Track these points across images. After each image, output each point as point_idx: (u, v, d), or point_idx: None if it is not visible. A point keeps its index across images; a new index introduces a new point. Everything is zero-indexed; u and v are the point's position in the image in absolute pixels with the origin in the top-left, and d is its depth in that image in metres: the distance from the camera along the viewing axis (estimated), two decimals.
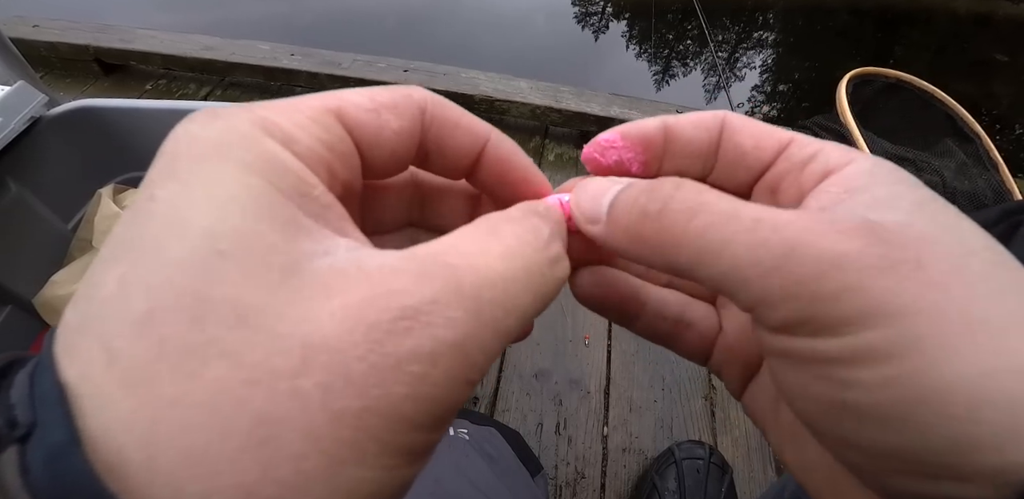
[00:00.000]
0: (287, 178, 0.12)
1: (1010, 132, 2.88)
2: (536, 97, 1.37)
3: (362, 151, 0.14)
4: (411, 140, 0.15)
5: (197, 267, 0.10)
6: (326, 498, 0.10)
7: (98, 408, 0.09)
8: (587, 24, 3.64)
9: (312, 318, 0.10)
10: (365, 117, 0.14)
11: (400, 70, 1.40)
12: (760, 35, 3.82)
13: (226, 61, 1.39)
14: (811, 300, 0.12)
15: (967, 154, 1.28)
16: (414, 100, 0.15)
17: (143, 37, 1.45)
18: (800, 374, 0.13)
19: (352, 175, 0.14)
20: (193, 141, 0.12)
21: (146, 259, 0.10)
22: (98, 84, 1.44)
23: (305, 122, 0.13)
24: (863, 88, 1.39)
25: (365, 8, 3.17)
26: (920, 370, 0.11)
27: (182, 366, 0.10)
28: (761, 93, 3.18)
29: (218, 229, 0.10)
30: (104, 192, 0.81)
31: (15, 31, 1.40)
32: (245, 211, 0.11)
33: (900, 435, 0.11)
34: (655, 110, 1.37)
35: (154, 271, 0.10)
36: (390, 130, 0.14)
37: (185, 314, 0.10)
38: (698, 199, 0.13)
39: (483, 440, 0.57)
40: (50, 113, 0.78)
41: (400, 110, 0.15)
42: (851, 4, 3.89)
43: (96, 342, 0.10)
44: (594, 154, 0.17)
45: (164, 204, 0.11)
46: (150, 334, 0.10)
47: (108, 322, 0.10)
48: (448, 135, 0.16)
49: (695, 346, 0.20)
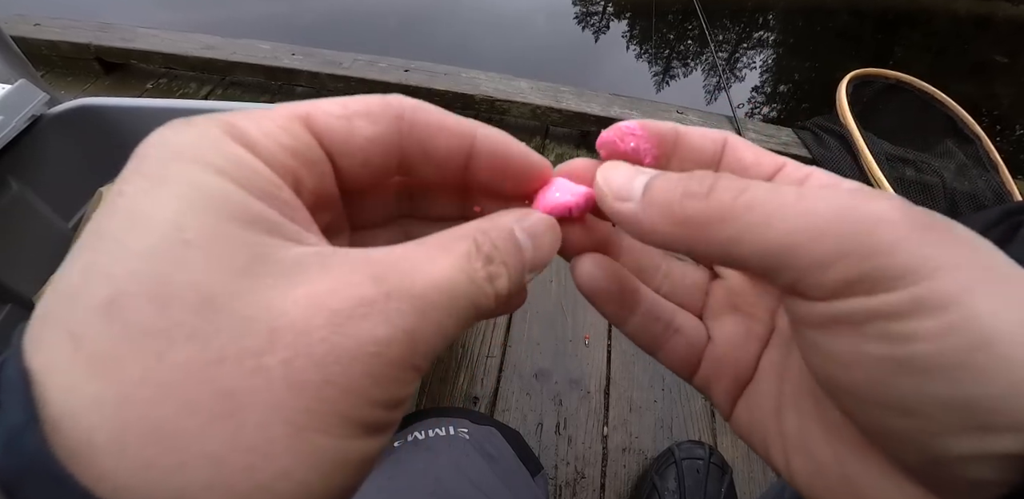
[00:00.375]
0: (254, 180, 0.12)
1: (1011, 133, 2.88)
2: (536, 97, 1.37)
3: (333, 158, 0.15)
4: (387, 147, 0.15)
5: (161, 255, 0.10)
6: (292, 464, 0.10)
7: (65, 392, 0.10)
8: (587, 24, 3.64)
9: (277, 304, 0.11)
10: (335, 124, 0.14)
11: (401, 70, 1.40)
12: (760, 35, 3.82)
13: (227, 60, 1.39)
14: (867, 255, 0.12)
15: (967, 155, 1.28)
16: (390, 107, 0.15)
17: (144, 36, 1.45)
18: (853, 338, 0.13)
19: (322, 182, 0.14)
20: (164, 144, 0.12)
21: (109, 249, 0.11)
22: (99, 83, 1.44)
23: (272, 129, 0.13)
24: (863, 89, 1.40)
25: (366, 8, 3.17)
26: (973, 317, 0.12)
27: (147, 348, 0.10)
28: (761, 94, 3.18)
29: (184, 221, 0.11)
30: (105, 190, 0.81)
31: (16, 29, 1.40)
32: (210, 205, 0.11)
33: (960, 385, 0.12)
34: (655, 110, 1.37)
35: (117, 260, 0.11)
36: (362, 137, 0.15)
37: (149, 299, 0.10)
38: (742, 181, 0.14)
39: (483, 439, 0.57)
40: (51, 111, 0.78)
41: (374, 117, 0.15)
42: (851, 5, 3.89)
43: (61, 330, 0.10)
44: (614, 138, 0.18)
45: (130, 198, 0.11)
46: (114, 319, 0.10)
47: (72, 310, 0.10)
48: (431, 139, 0.16)
49: (682, 354, 0.20)
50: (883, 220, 0.12)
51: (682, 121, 1.35)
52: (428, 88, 1.36)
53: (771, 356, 0.19)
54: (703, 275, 0.22)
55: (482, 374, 0.91)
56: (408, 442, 0.55)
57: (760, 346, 0.20)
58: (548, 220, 0.17)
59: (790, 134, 1.39)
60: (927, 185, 1.19)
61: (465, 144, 0.16)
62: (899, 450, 0.14)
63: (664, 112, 1.37)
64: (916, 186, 1.18)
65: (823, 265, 0.13)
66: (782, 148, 1.33)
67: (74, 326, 0.10)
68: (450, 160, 0.16)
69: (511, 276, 0.15)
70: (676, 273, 0.22)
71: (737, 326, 0.20)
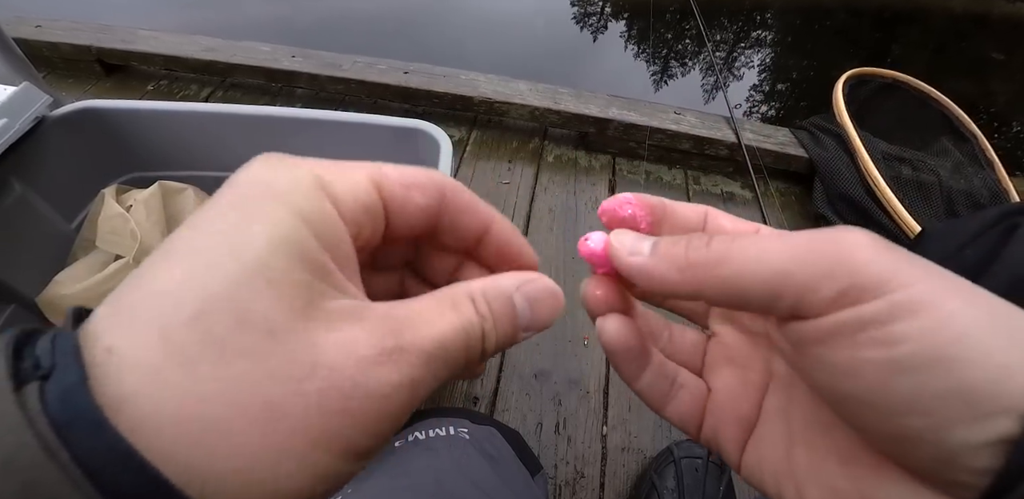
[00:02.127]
0: (328, 231, 0.15)
1: (1008, 130, 2.89)
2: (535, 99, 1.37)
3: (388, 218, 0.17)
4: (429, 216, 0.18)
5: (247, 286, 0.13)
6: (295, 470, 0.13)
7: (145, 371, 0.12)
8: (586, 25, 3.64)
9: (319, 344, 0.14)
10: (398, 191, 0.17)
11: (400, 72, 1.41)
12: (758, 34, 3.82)
13: (227, 62, 1.39)
14: (848, 273, 0.15)
15: (963, 153, 1.28)
16: (436, 184, 0.18)
17: (145, 38, 1.45)
18: (850, 348, 0.15)
19: (375, 234, 0.17)
20: (264, 184, 0.15)
21: (207, 268, 0.13)
22: (100, 84, 1.44)
23: (353, 188, 0.16)
24: (860, 88, 1.40)
25: (364, 11, 3.18)
26: (947, 315, 0.14)
27: (221, 355, 0.13)
28: (760, 92, 3.19)
29: (269, 261, 0.14)
30: (107, 192, 0.81)
31: (17, 31, 1.40)
32: (291, 251, 0.14)
33: (949, 376, 0.14)
34: (653, 111, 1.37)
35: (213, 280, 0.13)
36: (415, 205, 0.17)
37: (232, 318, 0.13)
38: (733, 235, 0.18)
39: (483, 439, 0.58)
40: (54, 113, 0.79)
41: (426, 190, 0.18)
42: (848, 3, 3.90)
43: (152, 324, 0.13)
44: (614, 206, 0.21)
45: (229, 227, 0.14)
46: (200, 326, 0.13)
47: (166, 310, 0.13)
48: (460, 216, 0.19)
49: (687, 407, 0.23)
50: (856, 244, 0.15)
51: (679, 121, 1.36)
52: (427, 90, 1.37)
53: (772, 401, 0.21)
54: (700, 337, 0.25)
55: (482, 374, 0.92)
56: (408, 442, 0.55)
57: (759, 393, 0.22)
58: (551, 287, 0.19)
59: (787, 134, 1.39)
60: (923, 183, 1.19)
61: (484, 226, 0.19)
62: (913, 453, 0.15)
63: (662, 113, 1.37)
64: (913, 184, 1.19)
65: (813, 286, 0.15)
66: (779, 148, 1.34)
67: (166, 322, 0.13)
68: (468, 235, 0.20)
69: (499, 338, 0.17)
70: (676, 335, 0.25)
71: (735, 377, 0.23)
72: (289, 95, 1.45)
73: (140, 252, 0.75)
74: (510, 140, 1.40)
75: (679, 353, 0.24)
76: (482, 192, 1.24)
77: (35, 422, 0.11)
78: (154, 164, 0.89)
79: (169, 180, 0.87)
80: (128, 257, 0.75)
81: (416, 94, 1.38)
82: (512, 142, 1.39)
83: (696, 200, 1.31)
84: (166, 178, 0.88)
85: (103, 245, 0.78)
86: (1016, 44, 3.65)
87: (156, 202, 0.82)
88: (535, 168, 1.33)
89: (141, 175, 0.90)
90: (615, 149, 1.39)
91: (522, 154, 1.37)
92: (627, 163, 1.38)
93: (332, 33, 2.85)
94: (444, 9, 3.40)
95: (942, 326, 0.14)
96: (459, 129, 1.39)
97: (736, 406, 0.22)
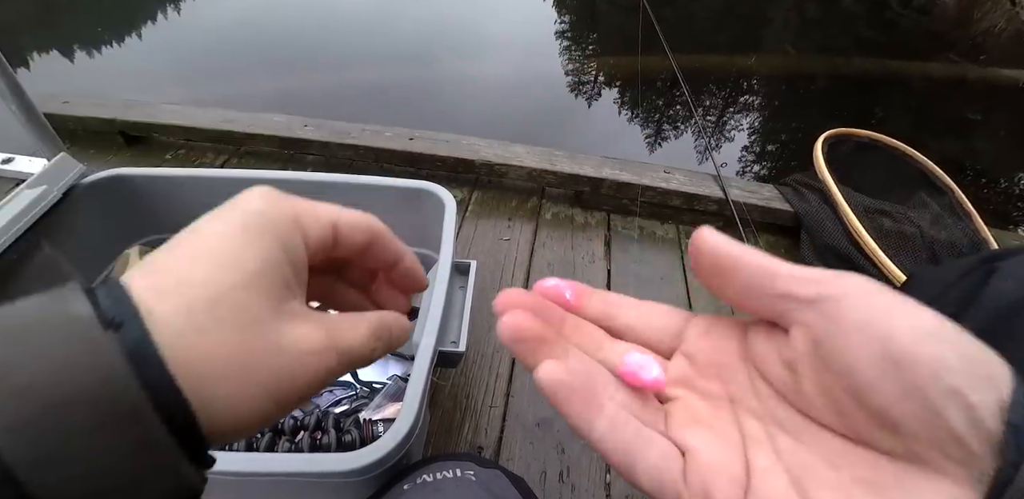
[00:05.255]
0: (296, 259, 0.22)
1: (995, 186, 2.98)
2: (532, 161, 1.45)
3: (335, 247, 0.24)
4: (363, 248, 0.25)
5: (248, 287, 0.19)
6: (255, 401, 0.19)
7: (177, 334, 0.18)
8: (580, 92, 3.84)
9: (283, 333, 0.20)
10: (346, 230, 0.24)
11: (406, 138, 1.50)
12: (745, 99, 4.01)
13: (244, 132, 1.49)
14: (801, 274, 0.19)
15: (941, 206, 1.34)
16: (372, 227, 0.25)
17: (166, 111, 1.55)
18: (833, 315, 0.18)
19: (325, 257, 0.24)
20: (261, 216, 0.21)
21: (221, 269, 0.19)
22: (121, 154, 1.53)
23: (319, 227, 0.23)
24: (839, 147, 1.48)
25: (369, 82, 3.36)
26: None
27: (225, 328, 0.19)
28: (751, 153, 3.31)
29: (260, 275, 0.20)
30: (132, 252, 0.86)
31: (47, 107, 1.50)
32: (273, 270, 0.20)
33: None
34: (644, 170, 1.45)
35: (226, 277, 0.19)
36: (355, 240, 0.25)
37: (233, 308, 0.19)
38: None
39: (489, 481, 0.59)
40: (84, 181, 0.85)
41: (364, 231, 0.25)
42: (830, 70, 4.11)
43: (182, 303, 0.18)
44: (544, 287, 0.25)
45: (237, 246, 0.20)
46: (214, 308, 0.19)
47: (192, 294, 0.19)
48: (382, 250, 0.26)
49: (663, 465, 0.20)
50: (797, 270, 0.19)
51: (669, 180, 1.43)
52: (431, 154, 1.45)
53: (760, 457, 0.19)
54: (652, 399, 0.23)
55: (486, 424, 0.93)
56: (417, 484, 0.57)
57: (741, 452, 0.20)
58: (408, 323, 0.27)
59: (771, 189, 1.46)
60: (906, 235, 1.24)
61: (397, 258, 0.27)
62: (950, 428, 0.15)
63: (652, 172, 1.45)
64: (895, 235, 1.24)
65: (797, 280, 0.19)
66: (765, 203, 1.40)
67: (192, 304, 0.18)
68: (385, 263, 0.27)
69: (383, 350, 0.25)
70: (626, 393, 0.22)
71: (713, 435, 0.20)
72: (300, 161, 1.54)
73: None
74: (509, 199, 1.47)
75: (636, 411, 0.21)
76: (484, 248, 1.30)
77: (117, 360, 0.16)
78: (175, 226, 0.92)
79: None
80: None
81: (420, 158, 1.46)
82: (511, 201, 1.46)
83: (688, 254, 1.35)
84: None
85: None
86: (992, 104, 3.83)
87: None
88: (534, 225, 1.39)
89: (163, 236, 0.96)
90: (609, 206, 1.45)
91: (521, 212, 1.43)
92: (621, 219, 1.44)
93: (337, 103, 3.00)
94: (445, 78, 3.59)
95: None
96: (461, 190, 1.47)
97: (727, 464, 0.19)
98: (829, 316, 0.18)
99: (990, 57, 4.60)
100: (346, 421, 0.74)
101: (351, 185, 0.87)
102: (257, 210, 0.21)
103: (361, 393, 0.83)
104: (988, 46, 4.87)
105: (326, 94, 3.13)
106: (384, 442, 0.54)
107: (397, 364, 0.90)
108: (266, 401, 0.20)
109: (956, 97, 3.95)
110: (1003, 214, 2.58)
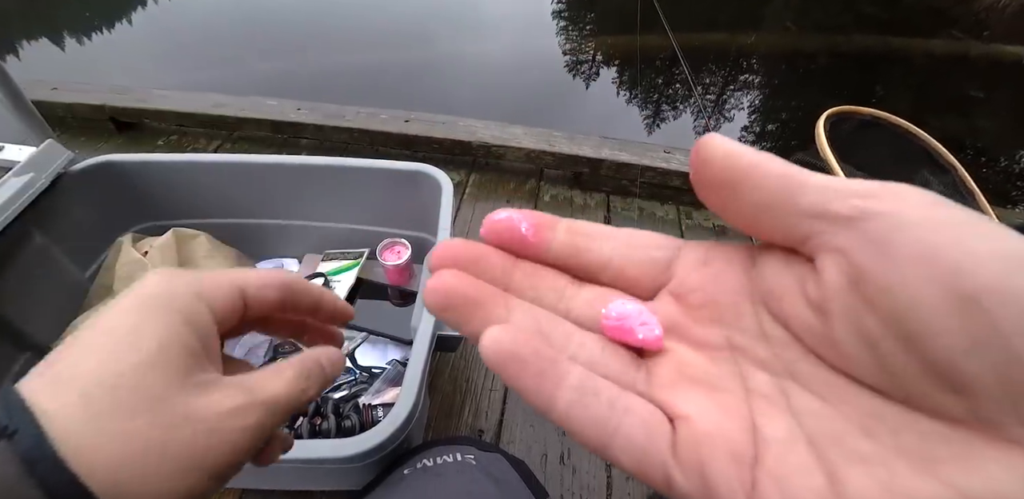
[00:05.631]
0: (202, 329, 0.22)
1: (995, 164, 2.96)
2: (530, 142, 1.43)
3: (248, 308, 0.25)
4: (277, 304, 0.26)
5: (147, 368, 0.20)
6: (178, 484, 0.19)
7: (76, 427, 0.18)
8: (578, 72, 3.79)
9: (191, 404, 0.20)
10: (255, 292, 0.25)
11: (401, 121, 1.48)
12: (746, 78, 3.96)
13: (236, 117, 1.47)
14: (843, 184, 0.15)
15: (944, 184, 1.32)
16: (283, 281, 0.26)
17: (156, 96, 1.53)
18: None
19: (236, 321, 0.24)
20: (158, 296, 0.22)
21: (119, 354, 0.20)
22: (112, 141, 1.51)
23: (222, 294, 0.23)
24: (841, 125, 1.46)
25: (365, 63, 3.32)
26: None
27: (128, 413, 0.19)
28: (751, 133, 3.28)
29: (159, 353, 0.20)
30: (125, 240, 0.85)
31: (35, 93, 1.48)
32: (176, 342, 0.21)
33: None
34: (643, 151, 1.43)
35: (124, 363, 0.19)
36: (267, 298, 0.25)
37: (134, 390, 0.19)
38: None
39: (490, 464, 0.59)
40: (73, 168, 0.83)
41: (275, 287, 0.25)
42: (830, 48, 4.06)
43: (77, 393, 0.19)
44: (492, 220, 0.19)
45: (132, 327, 0.20)
46: (114, 394, 0.19)
47: (87, 382, 0.19)
48: (299, 299, 0.27)
49: (644, 439, 0.15)
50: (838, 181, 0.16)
51: (669, 160, 1.41)
52: (427, 136, 1.43)
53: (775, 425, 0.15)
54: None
55: (486, 407, 0.93)
56: (417, 469, 0.57)
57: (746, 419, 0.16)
58: (338, 353, 0.27)
59: None
60: None
61: (316, 301, 0.28)
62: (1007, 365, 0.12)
63: (652, 152, 1.43)
64: None
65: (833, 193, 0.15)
66: None
67: (88, 392, 0.19)
68: (305, 308, 0.28)
69: (318, 387, 0.25)
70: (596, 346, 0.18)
71: (711, 400, 0.16)
72: (294, 145, 1.51)
73: None
74: (508, 181, 1.45)
75: (611, 369, 0.17)
76: None
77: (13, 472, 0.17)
78: (168, 213, 0.93)
79: (183, 228, 0.91)
80: None
81: (416, 141, 1.44)
82: (509, 183, 1.45)
83: (689, 234, 1.34)
84: (179, 226, 0.92)
85: (121, 290, 0.81)
86: (994, 82, 3.78)
87: (171, 248, 0.86)
88: (532, 207, 1.37)
89: (155, 224, 0.94)
90: (608, 187, 1.44)
91: (519, 194, 1.42)
92: (621, 200, 1.42)
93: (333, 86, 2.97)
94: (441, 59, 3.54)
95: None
96: (458, 172, 1.45)
97: (728, 432, 0.15)
98: (875, 239, 0.13)
99: (993, 33, 4.54)
100: (345, 406, 0.74)
101: (346, 168, 0.86)
102: (153, 291, 0.22)
103: (360, 378, 0.83)
104: (991, 22, 4.80)
105: (320, 76, 3.09)
106: (383, 427, 0.53)
107: (396, 349, 0.89)
108: (189, 475, 0.20)
109: (958, 74, 3.90)
110: (1003, 193, 2.57)
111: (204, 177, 0.89)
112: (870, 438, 0.14)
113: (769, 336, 0.16)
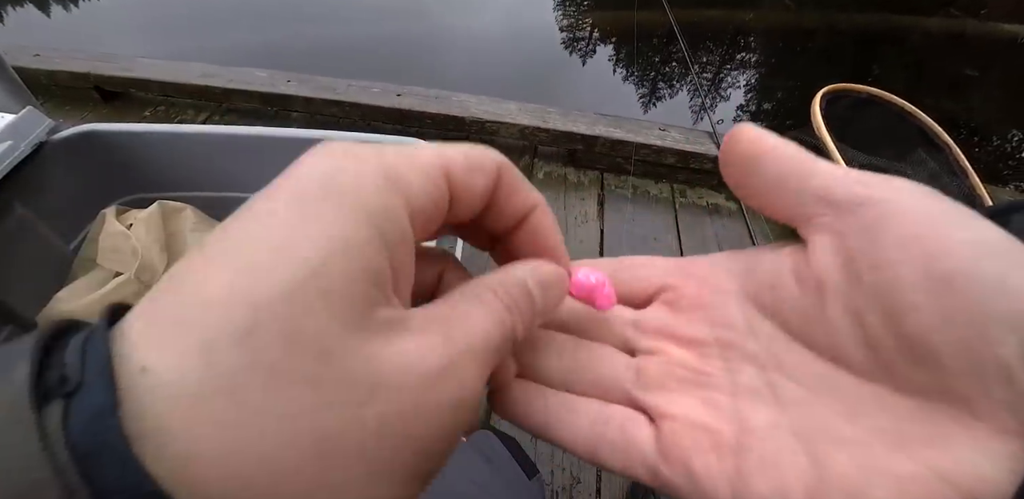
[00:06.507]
0: (395, 231, 0.14)
1: (988, 143, 2.96)
2: (524, 118, 1.41)
3: (452, 204, 0.16)
4: (486, 198, 0.17)
5: (299, 298, 0.12)
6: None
7: (184, 400, 0.11)
8: (574, 48, 3.74)
9: (375, 363, 0.12)
10: (463, 176, 0.16)
11: (394, 94, 1.45)
12: (743, 56, 3.92)
13: (224, 87, 1.43)
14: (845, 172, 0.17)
15: (938, 163, 1.33)
16: (494, 162, 0.17)
17: (143, 65, 1.49)
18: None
19: (438, 224, 0.16)
20: (326, 179, 0.13)
21: (256, 274, 0.12)
22: (97, 111, 1.48)
23: (426, 181, 0.15)
24: (836, 104, 1.45)
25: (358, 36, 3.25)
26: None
27: (270, 382, 0.11)
28: (746, 111, 3.26)
29: (325, 269, 0.12)
30: (108, 212, 0.83)
31: (16, 60, 1.44)
32: (351, 256, 0.12)
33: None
34: (639, 128, 1.42)
35: (262, 291, 0.11)
36: (478, 188, 0.16)
37: (281, 339, 0.11)
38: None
39: (480, 442, 0.59)
40: (55, 137, 0.81)
41: (485, 171, 0.16)
42: (828, 25, 4.01)
43: (196, 342, 0.11)
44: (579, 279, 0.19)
45: (283, 228, 0.12)
46: (248, 349, 0.11)
47: (210, 327, 0.11)
48: (509, 199, 0.17)
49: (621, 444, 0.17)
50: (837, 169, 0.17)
51: (664, 137, 1.40)
52: (420, 111, 1.41)
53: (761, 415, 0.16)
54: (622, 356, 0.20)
55: None
56: None
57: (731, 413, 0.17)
58: (559, 271, 0.18)
59: None
60: None
61: (528, 208, 0.18)
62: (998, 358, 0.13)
63: (647, 129, 1.41)
64: None
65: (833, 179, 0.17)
66: None
67: (211, 342, 0.11)
68: (513, 219, 0.18)
69: (525, 325, 0.17)
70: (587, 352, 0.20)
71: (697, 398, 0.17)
72: (285, 118, 1.49)
73: (141, 268, 0.77)
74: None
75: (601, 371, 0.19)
76: None
77: (56, 454, 0.10)
78: (153, 185, 0.91)
79: (168, 200, 0.90)
80: (129, 273, 0.77)
81: (409, 115, 1.42)
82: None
83: (682, 212, 1.34)
84: (165, 198, 0.90)
85: (104, 262, 0.80)
86: (990, 61, 3.76)
87: (156, 221, 0.84)
88: None
89: (140, 196, 0.93)
90: (603, 165, 1.42)
91: None
92: (615, 178, 1.41)
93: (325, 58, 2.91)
94: (435, 32, 3.48)
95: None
96: None
97: (712, 427, 0.16)
98: (869, 224, 0.15)
99: (990, 11, 4.50)
100: None
101: (337, 141, 0.84)
102: (322, 173, 0.14)
103: None
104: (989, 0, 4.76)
105: (311, 48, 3.03)
106: None
107: None
108: (378, 485, 0.12)
109: (954, 53, 3.88)
110: (994, 172, 2.57)
111: (191, 149, 0.87)
112: (851, 422, 0.15)
113: (757, 330, 0.18)
